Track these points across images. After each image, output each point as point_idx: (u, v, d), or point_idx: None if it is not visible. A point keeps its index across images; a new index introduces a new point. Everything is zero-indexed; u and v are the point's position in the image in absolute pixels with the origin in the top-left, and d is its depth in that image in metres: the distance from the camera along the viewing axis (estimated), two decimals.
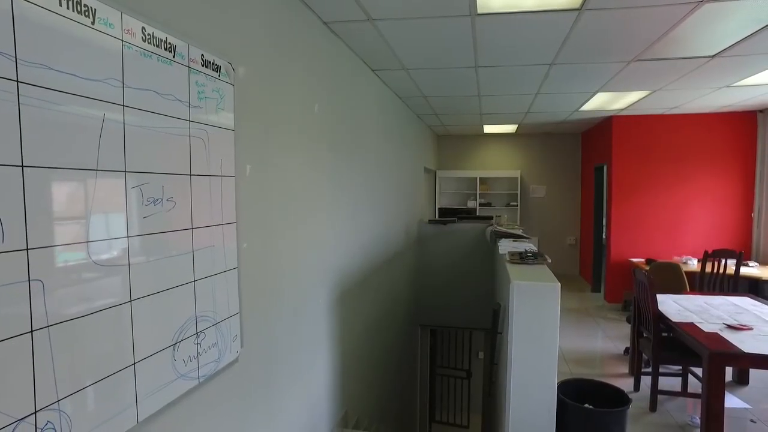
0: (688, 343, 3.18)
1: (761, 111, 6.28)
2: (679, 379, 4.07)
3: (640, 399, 3.96)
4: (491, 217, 6.57)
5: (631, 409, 3.83)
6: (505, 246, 3.73)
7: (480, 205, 9.00)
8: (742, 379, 4.19)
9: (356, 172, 3.72)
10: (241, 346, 1.91)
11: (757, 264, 6.01)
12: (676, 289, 4.89)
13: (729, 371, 4.38)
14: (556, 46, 3.34)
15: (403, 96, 5.26)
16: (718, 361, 2.81)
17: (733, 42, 3.31)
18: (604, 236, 7.65)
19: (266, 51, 2.23)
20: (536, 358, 2.51)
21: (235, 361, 1.87)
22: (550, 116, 6.79)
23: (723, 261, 5.05)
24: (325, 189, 3.03)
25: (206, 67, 1.69)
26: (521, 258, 3.10)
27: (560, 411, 2.68)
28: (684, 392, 3.97)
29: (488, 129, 8.22)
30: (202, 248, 1.65)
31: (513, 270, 2.82)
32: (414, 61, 3.80)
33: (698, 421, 3.50)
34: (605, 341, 5.48)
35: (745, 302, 3.98)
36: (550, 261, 3.35)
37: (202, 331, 1.65)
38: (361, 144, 3.87)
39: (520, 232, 5.16)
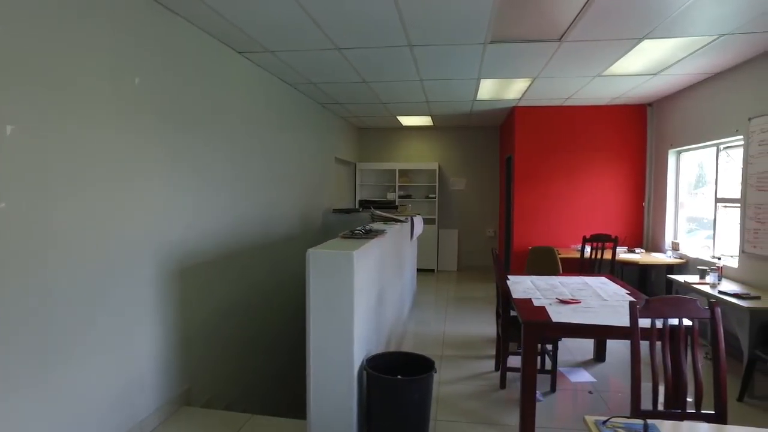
0: (519, 315, 3.28)
1: (650, 104, 6.55)
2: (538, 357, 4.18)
3: (496, 377, 4.06)
4: (396, 207, 6.64)
5: (483, 386, 3.93)
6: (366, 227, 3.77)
7: (400, 197, 9.06)
8: (600, 357, 4.36)
9: (215, 151, 3.68)
10: None
11: (643, 251, 6.26)
12: (552, 271, 5.04)
13: (590, 349, 4.55)
14: (395, 23, 3.38)
15: (291, 82, 5.24)
16: (529, 330, 2.92)
17: (565, 27, 3.44)
18: None
19: (49, 14, 2.19)
20: (334, 327, 2.53)
21: None
22: (454, 106, 6.89)
23: (602, 246, 5.24)
24: (158, 163, 2.99)
25: None
26: (351, 233, 3.14)
27: (367, 382, 2.72)
28: (539, 370, 4.07)
29: (405, 121, 8.29)
30: None
31: (328, 243, 2.85)
32: (272, 42, 3.80)
33: (541, 397, 3.62)
34: (493, 327, 5.59)
35: (597, 281, 4.12)
36: (384, 237, 3.41)
37: None
38: (225, 125, 3.84)
39: (403, 218, 5.24)
